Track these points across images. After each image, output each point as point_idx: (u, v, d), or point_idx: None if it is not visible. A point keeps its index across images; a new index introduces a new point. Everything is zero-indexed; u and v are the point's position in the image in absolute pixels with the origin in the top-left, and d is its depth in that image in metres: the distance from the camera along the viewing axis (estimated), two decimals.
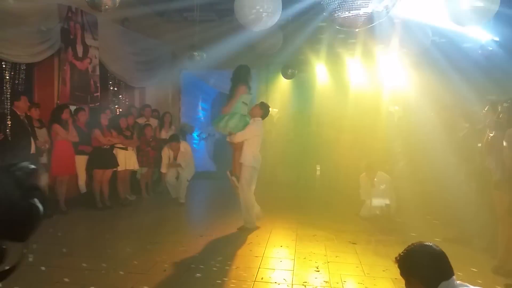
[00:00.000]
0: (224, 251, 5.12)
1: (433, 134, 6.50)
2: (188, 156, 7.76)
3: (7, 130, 5.71)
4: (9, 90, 6.05)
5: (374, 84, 9.38)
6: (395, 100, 9.08)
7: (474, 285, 1.92)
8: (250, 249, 5.20)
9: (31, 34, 6.06)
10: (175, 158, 7.66)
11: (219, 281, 4.13)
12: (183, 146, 7.78)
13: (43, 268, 4.22)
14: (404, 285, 2.02)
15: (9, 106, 5.87)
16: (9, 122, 5.75)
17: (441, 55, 7.95)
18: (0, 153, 5.44)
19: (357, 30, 5.13)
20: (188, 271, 4.36)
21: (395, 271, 2.33)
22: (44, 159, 6.29)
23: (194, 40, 8.25)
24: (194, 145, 11.25)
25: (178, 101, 10.99)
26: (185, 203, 7.52)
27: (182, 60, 9.73)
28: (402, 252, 2.01)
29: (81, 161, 6.95)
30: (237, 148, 5.98)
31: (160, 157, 7.80)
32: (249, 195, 5.95)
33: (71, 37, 7.01)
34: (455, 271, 1.94)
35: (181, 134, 10.20)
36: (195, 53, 8.13)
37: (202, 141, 11.62)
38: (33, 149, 5.90)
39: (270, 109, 6.35)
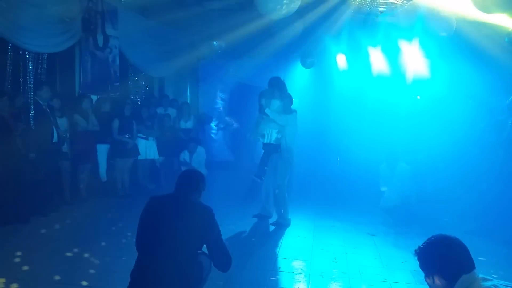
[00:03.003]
0: (241, 241, 5.15)
1: (456, 125, 6.37)
2: (202, 158, 7.90)
3: (30, 119, 5.83)
4: (32, 80, 6.15)
5: (396, 73, 9.20)
6: (418, 89, 8.90)
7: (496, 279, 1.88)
8: (268, 239, 5.22)
9: (53, 24, 6.12)
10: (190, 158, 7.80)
11: (237, 270, 4.15)
12: (199, 149, 7.89)
13: (69, 254, 4.34)
14: (423, 278, 2.00)
15: (32, 96, 5.98)
16: (32, 111, 5.86)
17: (466, 44, 7.73)
18: (24, 141, 5.57)
19: (378, 17, 5.04)
20: None
21: (414, 263, 2.28)
22: (65, 148, 6.41)
23: (213, 29, 8.22)
24: (212, 135, 11.27)
25: (197, 91, 11.01)
26: None
27: (201, 50, 9.73)
28: (422, 245, 1.99)
29: (102, 150, 7.08)
30: None
31: (177, 146, 7.92)
32: None
33: (92, 27, 7.07)
34: (475, 264, 1.90)
35: (200, 124, 10.24)
36: (214, 43, 8.10)
37: (220, 131, 11.63)
38: (55, 137, 6.02)
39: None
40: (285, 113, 5.89)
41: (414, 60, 8.83)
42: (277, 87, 6.00)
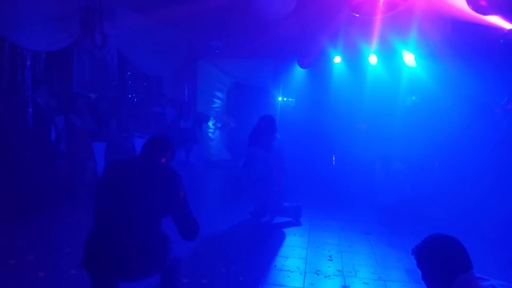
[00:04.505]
0: (237, 239, 5.18)
1: (451, 125, 6.43)
2: (199, 157, 8.01)
3: (28, 117, 5.84)
4: (30, 78, 6.16)
5: (391, 74, 9.25)
6: (413, 90, 8.97)
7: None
8: (263, 237, 5.26)
9: (51, 23, 6.13)
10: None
11: (233, 268, 4.19)
12: (196, 148, 8.03)
13: (66, 251, 4.35)
14: (420, 277, 2.01)
15: (30, 94, 5.99)
16: (30, 110, 5.88)
17: (461, 45, 7.79)
18: (23, 139, 5.58)
19: (375, 17, 5.09)
20: (202, 257, 4.42)
21: (408, 261, 2.33)
22: (63, 146, 6.42)
23: (211, 29, 8.24)
24: (209, 134, 11.31)
25: (194, 90, 11.03)
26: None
27: (199, 49, 9.74)
28: (419, 244, 1.99)
29: (99, 148, 7.09)
30: None
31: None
32: None
33: (90, 25, 7.06)
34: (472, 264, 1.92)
35: (197, 123, 10.27)
36: (212, 42, 8.12)
37: (217, 130, 11.66)
38: (53, 135, 6.04)
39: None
40: (266, 151, 5.91)
41: (410, 61, 8.90)
42: (264, 132, 5.98)
